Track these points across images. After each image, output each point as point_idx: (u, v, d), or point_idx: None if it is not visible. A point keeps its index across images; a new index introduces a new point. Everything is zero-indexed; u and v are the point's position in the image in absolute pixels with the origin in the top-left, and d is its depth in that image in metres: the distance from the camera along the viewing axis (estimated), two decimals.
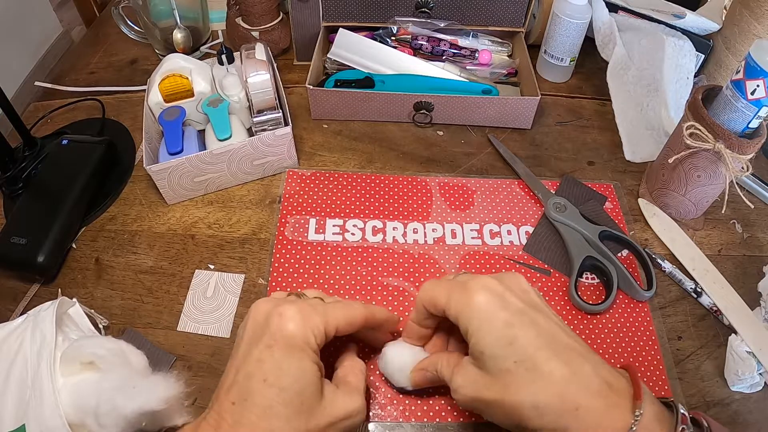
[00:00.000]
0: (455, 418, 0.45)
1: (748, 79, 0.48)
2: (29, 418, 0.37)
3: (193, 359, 0.48)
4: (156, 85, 0.60)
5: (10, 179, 0.58)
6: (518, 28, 0.73)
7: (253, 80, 0.57)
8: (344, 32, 0.71)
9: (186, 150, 0.58)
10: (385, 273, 0.54)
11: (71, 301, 0.47)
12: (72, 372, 0.39)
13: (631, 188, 0.63)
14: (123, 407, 0.37)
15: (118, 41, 0.82)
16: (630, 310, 0.52)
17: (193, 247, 0.56)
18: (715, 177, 0.54)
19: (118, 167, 0.63)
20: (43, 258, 0.51)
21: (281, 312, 0.37)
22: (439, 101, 0.66)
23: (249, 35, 0.74)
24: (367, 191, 0.61)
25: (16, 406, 0.38)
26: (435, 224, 0.58)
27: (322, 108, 0.68)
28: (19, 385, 0.38)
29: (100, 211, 0.59)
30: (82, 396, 0.38)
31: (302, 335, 0.36)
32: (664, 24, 0.69)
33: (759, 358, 0.47)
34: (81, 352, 0.40)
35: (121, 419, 0.37)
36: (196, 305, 0.52)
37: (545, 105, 0.73)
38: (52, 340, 0.40)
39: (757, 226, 0.61)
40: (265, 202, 0.60)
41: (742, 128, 0.51)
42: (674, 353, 0.50)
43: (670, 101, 0.68)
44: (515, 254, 0.56)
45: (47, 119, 0.70)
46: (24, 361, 0.39)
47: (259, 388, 0.34)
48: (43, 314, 0.42)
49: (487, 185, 0.62)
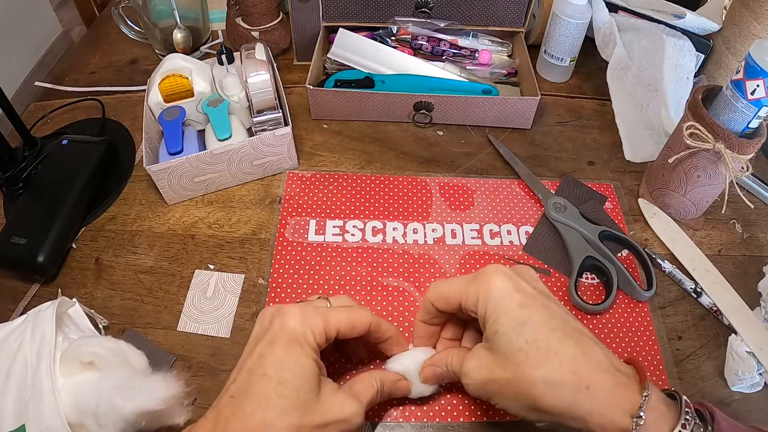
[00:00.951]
0: (455, 418, 0.45)
1: (748, 79, 0.48)
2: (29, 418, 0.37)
3: (193, 359, 0.48)
4: (156, 85, 0.60)
5: (10, 179, 0.58)
6: (518, 28, 0.73)
7: (253, 80, 0.57)
8: (344, 32, 0.71)
9: (186, 150, 0.58)
10: (385, 273, 0.54)
11: (71, 301, 0.47)
12: (72, 372, 0.39)
13: (631, 188, 0.63)
14: (122, 407, 0.37)
15: (118, 41, 0.82)
16: (630, 310, 0.52)
17: (193, 247, 0.56)
18: (715, 177, 0.54)
19: (118, 167, 0.63)
20: (43, 258, 0.51)
21: (283, 312, 0.38)
22: (439, 101, 0.66)
23: (249, 35, 0.74)
24: (367, 191, 0.61)
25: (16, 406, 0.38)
26: (435, 224, 0.58)
27: (322, 108, 0.68)
28: (18, 385, 0.38)
29: (100, 211, 0.59)
30: (81, 396, 0.38)
31: (302, 331, 0.37)
32: (664, 24, 0.69)
33: (759, 358, 0.47)
34: (81, 352, 0.40)
35: (121, 419, 0.37)
36: (196, 305, 0.52)
37: (545, 105, 0.73)
38: (51, 340, 0.40)
39: (757, 226, 0.61)
40: (265, 202, 0.60)
41: (742, 128, 0.51)
42: (674, 353, 0.50)
43: (670, 101, 0.68)
44: (515, 254, 0.56)
45: (47, 119, 0.70)
46: (24, 361, 0.39)
47: (257, 381, 0.35)
48: (42, 314, 0.42)
49: (487, 185, 0.62)
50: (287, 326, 0.37)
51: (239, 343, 0.49)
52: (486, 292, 0.38)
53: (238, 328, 0.50)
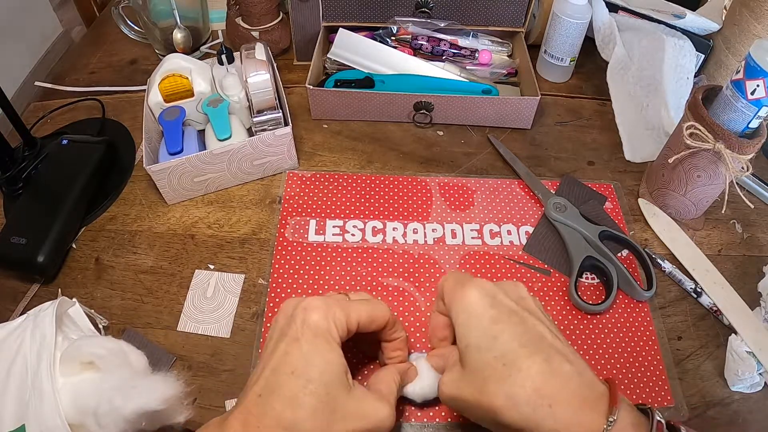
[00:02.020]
0: (455, 418, 0.45)
1: (748, 79, 0.48)
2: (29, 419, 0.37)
3: (193, 359, 0.48)
4: (156, 85, 0.60)
5: (10, 179, 0.58)
6: (518, 28, 0.73)
7: (253, 80, 0.57)
8: (344, 32, 0.71)
9: (186, 150, 0.58)
10: (385, 273, 0.54)
11: (71, 301, 0.47)
12: (72, 372, 0.39)
13: (631, 188, 0.63)
14: (122, 407, 0.37)
15: (118, 41, 0.82)
16: (630, 310, 0.52)
17: (193, 247, 0.56)
18: (715, 177, 0.54)
19: (118, 167, 0.63)
20: (43, 258, 0.51)
21: (305, 305, 0.37)
22: (439, 101, 0.66)
23: (249, 35, 0.74)
24: (367, 191, 0.61)
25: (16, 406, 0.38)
26: (435, 224, 0.58)
27: (322, 108, 0.68)
28: (19, 386, 0.38)
29: (100, 211, 0.59)
30: (81, 396, 0.38)
31: (326, 326, 0.37)
32: (664, 24, 0.69)
33: (759, 358, 0.47)
34: (81, 352, 0.40)
35: (121, 419, 0.37)
36: (196, 305, 0.52)
37: (545, 105, 0.73)
38: (51, 340, 0.40)
39: (757, 226, 0.61)
40: (265, 202, 0.60)
41: (742, 128, 0.51)
42: (674, 353, 0.50)
43: (670, 101, 0.68)
44: (515, 254, 0.56)
45: (47, 119, 0.70)
46: (24, 361, 0.39)
47: (285, 380, 0.35)
48: (42, 314, 0.42)
49: (487, 185, 0.62)
50: (311, 321, 0.37)
51: (239, 343, 0.50)
52: (458, 304, 0.38)
53: (238, 328, 0.50)
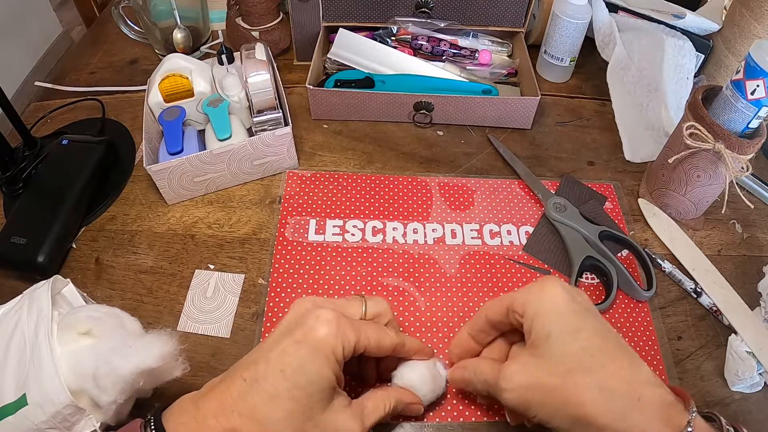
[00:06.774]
0: (455, 418, 0.45)
1: (748, 79, 0.48)
2: (29, 387, 0.37)
3: (193, 359, 0.48)
4: (156, 85, 0.60)
5: (10, 179, 0.58)
6: (518, 28, 0.73)
7: (253, 80, 0.57)
8: (344, 32, 0.71)
9: (186, 150, 0.58)
10: (385, 273, 0.54)
11: (65, 280, 0.46)
12: (69, 340, 0.40)
13: (631, 188, 0.63)
14: (120, 367, 0.37)
15: (118, 41, 0.82)
16: (630, 310, 0.52)
17: (193, 247, 0.56)
18: (715, 177, 0.54)
19: (118, 167, 0.63)
20: (43, 258, 0.51)
21: (319, 315, 0.37)
22: (439, 101, 0.66)
23: (249, 35, 0.74)
24: (367, 191, 0.61)
25: (15, 378, 0.38)
26: (435, 224, 0.58)
27: (322, 108, 0.68)
28: (18, 359, 0.38)
29: (100, 211, 0.59)
30: (80, 362, 0.38)
31: (332, 343, 0.36)
32: (664, 24, 0.69)
33: (759, 358, 0.47)
34: (78, 317, 0.40)
35: (120, 379, 0.37)
36: (196, 305, 0.52)
37: (545, 105, 0.73)
38: (48, 313, 0.40)
39: (757, 226, 0.61)
40: (265, 202, 0.60)
41: (742, 128, 0.51)
42: (674, 353, 0.50)
43: (670, 101, 0.68)
44: (515, 254, 0.56)
45: (47, 119, 0.70)
46: (21, 335, 0.39)
47: (273, 375, 0.35)
48: (38, 291, 0.42)
49: (487, 185, 0.62)
50: (319, 334, 0.36)
51: (239, 343, 0.50)
52: (539, 297, 0.38)
53: (238, 328, 0.50)
